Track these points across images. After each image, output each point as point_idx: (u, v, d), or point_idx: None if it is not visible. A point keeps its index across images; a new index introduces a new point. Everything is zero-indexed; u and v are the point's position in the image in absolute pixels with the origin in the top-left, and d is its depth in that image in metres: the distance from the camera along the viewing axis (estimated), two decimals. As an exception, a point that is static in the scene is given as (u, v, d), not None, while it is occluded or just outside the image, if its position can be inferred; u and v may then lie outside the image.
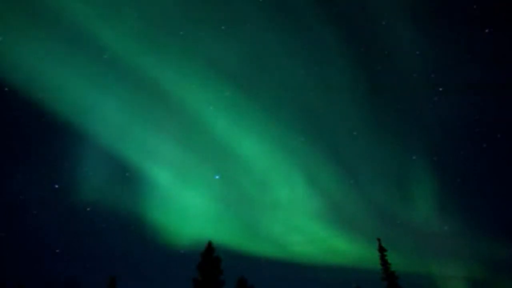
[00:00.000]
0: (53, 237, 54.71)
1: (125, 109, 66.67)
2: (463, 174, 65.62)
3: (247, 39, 71.61)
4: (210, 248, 23.74)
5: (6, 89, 59.05)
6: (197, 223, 60.87)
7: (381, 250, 28.02)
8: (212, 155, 66.90)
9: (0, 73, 59.42)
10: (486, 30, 64.12)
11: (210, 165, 66.20)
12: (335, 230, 61.63)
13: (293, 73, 72.99)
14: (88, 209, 56.67)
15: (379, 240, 28.56)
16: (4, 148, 57.69)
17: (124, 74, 67.06)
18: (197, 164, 65.83)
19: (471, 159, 64.14)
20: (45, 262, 50.64)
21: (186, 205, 63.08)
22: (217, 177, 65.62)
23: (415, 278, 48.70)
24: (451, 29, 67.88)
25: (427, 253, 54.07)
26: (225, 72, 71.09)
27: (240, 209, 64.03)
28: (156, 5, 67.11)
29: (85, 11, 63.67)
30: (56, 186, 57.09)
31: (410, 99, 71.35)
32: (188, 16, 68.63)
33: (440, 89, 67.75)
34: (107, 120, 65.80)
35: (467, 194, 62.60)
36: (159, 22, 67.46)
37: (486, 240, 54.37)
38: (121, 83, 67.55)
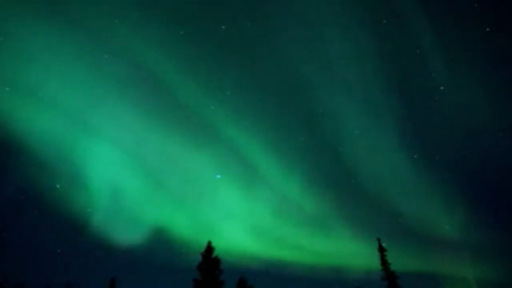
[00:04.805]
0: (53, 237, 54.80)
1: (126, 109, 66.69)
2: (465, 173, 65.52)
3: (248, 38, 71.64)
4: (210, 248, 23.69)
5: (7, 88, 59.16)
6: (198, 223, 60.88)
7: (381, 250, 27.94)
8: (213, 154, 66.92)
9: (1, 72, 59.55)
10: (487, 29, 64.03)
11: (211, 164, 66.22)
12: (336, 229, 61.57)
13: (294, 72, 72.92)
14: (89, 209, 56.76)
15: (379, 240, 28.51)
16: (5, 147, 57.70)
17: (125, 74, 67.10)
18: (198, 163, 65.83)
19: (472, 158, 63.99)
20: (45, 262, 50.71)
21: (187, 204, 63.10)
22: (218, 176, 65.63)
23: (418, 278, 48.63)
24: (451, 28, 67.77)
25: (429, 253, 53.96)
26: (226, 72, 71.12)
27: (241, 208, 64.03)
28: (157, 5, 67.15)
29: (85, 10, 63.75)
30: (57, 186, 57.16)
31: (411, 98, 71.28)
32: (188, 16, 68.68)
33: (441, 88, 67.67)
34: (109, 119, 65.86)
35: (469, 193, 62.47)
36: (160, 22, 67.49)
37: (489, 239, 54.20)
38: (122, 82, 67.59)
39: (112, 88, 66.45)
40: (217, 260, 23.28)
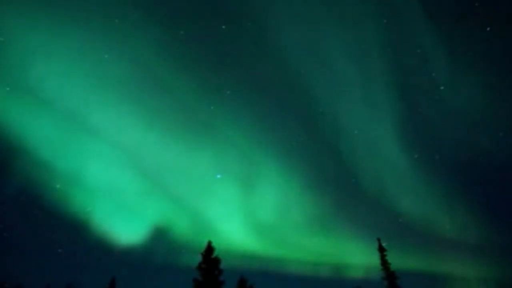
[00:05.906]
0: (53, 237, 54.80)
1: (126, 108, 66.69)
2: (465, 173, 65.52)
3: (248, 38, 71.62)
4: (210, 248, 23.61)
5: (7, 88, 59.17)
6: (198, 223, 60.84)
7: (381, 250, 27.85)
8: (213, 154, 66.90)
9: (1, 72, 59.56)
10: (488, 29, 64.01)
11: (211, 164, 66.20)
12: (336, 229, 61.55)
13: (294, 72, 72.92)
14: (89, 209, 56.76)
15: (379, 240, 28.41)
16: (5, 147, 57.72)
17: (125, 74, 67.11)
18: (198, 163, 65.82)
19: (472, 157, 64.01)
20: (45, 262, 50.73)
21: (187, 204, 63.07)
22: (218, 176, 65.62)
23: (418, 278, 48.61)
24: (452, 28, 67.77)
25: (429, 253, 53.94)
26: (226, 72, 71.12)
27: (241, 208, 64.00)
28: (157, 5, 67.14)
29: (85, 10, 63.75)
30: (57, 186, 57.16)
31: (411, 97, 71.28)
32: (188, 16, 68.67)
33: (442, 87, 67.66)
34: (109, 119, 65.85)
35: (470, 193, 62.48)
36: (160, 22, 67.48)
37: (489, 239, 54.15)
38: (122, 82, 67.59)
39: (112, 88, 66.53)
40: (217, 260, 23.18)
